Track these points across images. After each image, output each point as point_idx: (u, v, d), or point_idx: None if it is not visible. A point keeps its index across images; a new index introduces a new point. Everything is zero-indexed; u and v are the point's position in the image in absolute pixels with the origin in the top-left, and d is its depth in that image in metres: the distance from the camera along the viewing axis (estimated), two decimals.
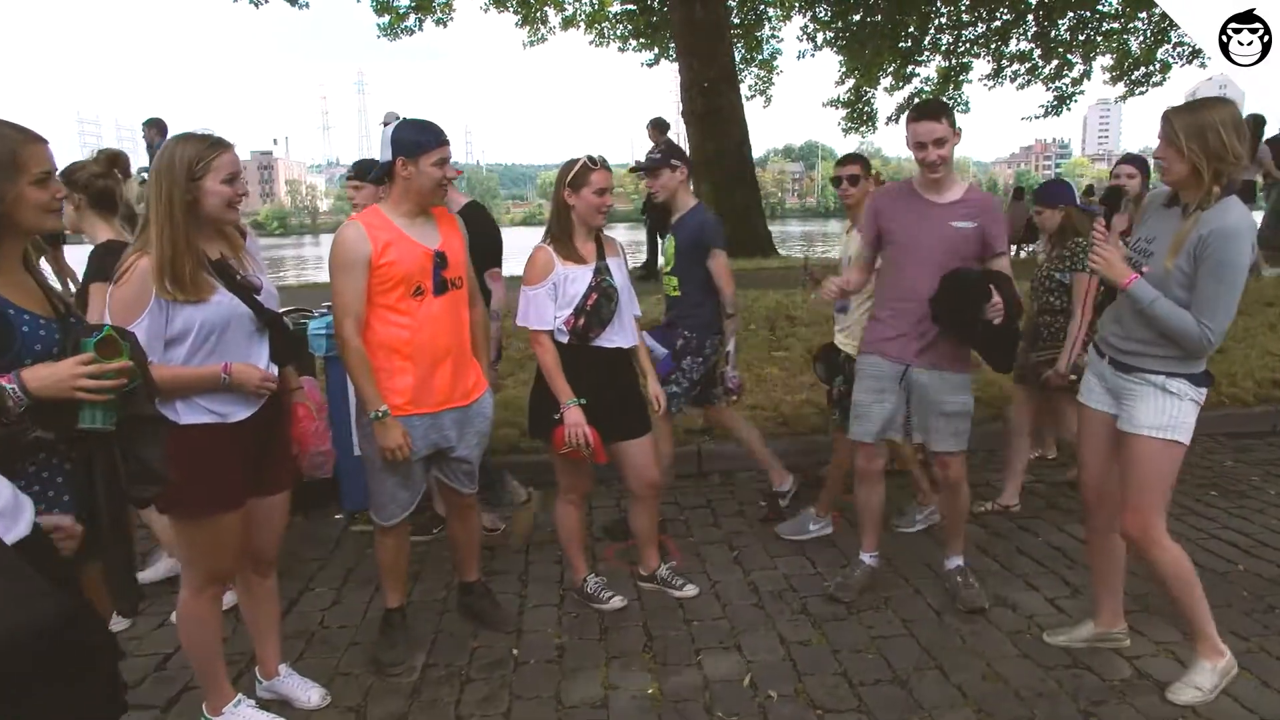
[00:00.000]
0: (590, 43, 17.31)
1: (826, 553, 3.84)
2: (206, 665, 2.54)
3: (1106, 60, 17.23)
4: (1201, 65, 16.89)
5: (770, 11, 17.39)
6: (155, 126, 9.07)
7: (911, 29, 16.89)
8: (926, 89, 18.02)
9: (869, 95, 18.24)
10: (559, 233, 3.15)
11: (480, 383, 2.99)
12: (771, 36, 17.98)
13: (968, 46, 17.56)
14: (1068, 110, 18.03)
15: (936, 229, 3.07)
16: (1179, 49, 16.61)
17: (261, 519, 2.52)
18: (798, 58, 18.06)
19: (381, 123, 9.65)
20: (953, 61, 17.77)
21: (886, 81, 17.99)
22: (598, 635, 3.17)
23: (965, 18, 16.99)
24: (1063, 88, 17.54)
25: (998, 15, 16.73)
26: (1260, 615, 3.17)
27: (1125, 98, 17.64)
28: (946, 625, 3.16)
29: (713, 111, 13.09)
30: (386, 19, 15.26)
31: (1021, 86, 17.74)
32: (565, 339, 3.14)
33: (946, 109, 3.08)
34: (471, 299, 2.99)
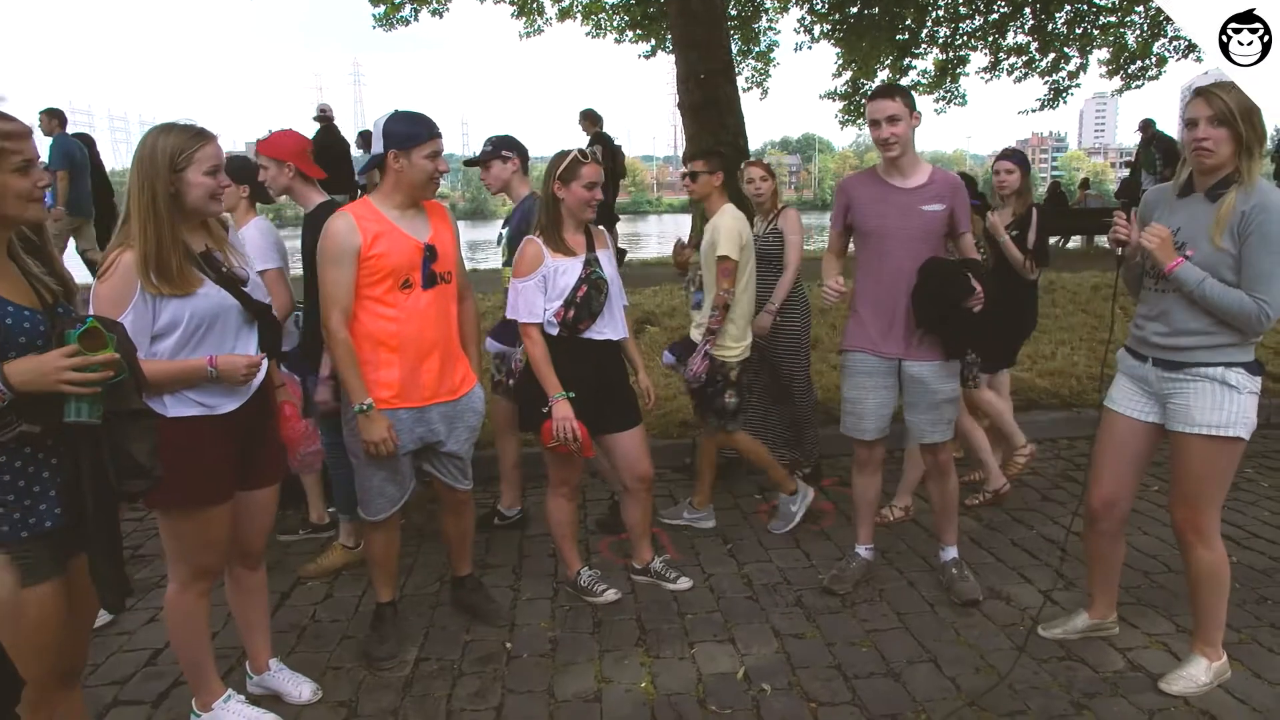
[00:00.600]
0: (587, 34, 17.23)
1: (821, 545, 3.84)
2: (195, 661, 2.52)
3: (1103, 54, 17.20)
4: (1198, 59, 16.86)
5: (767, 3, 17.32)
6: (55, 116, 8.47)
7: (909, 21, 16.84)
8: (923, 81, 17.99)
9: (866, 88, 18.17)
10: (548, 225, 3.13)
11: (469, 377, 2.98)
12: (768, 28, 17.90)
13: (965, 39, 17.51)
14: (1064, 103, 18.05)
15: (908, 215, 3.06)
16: (1175, 43, 16.59)
17: (249, 512, 2.50)
18: (795, 50, 18.02)
19: (314, 118, 9.59)
20: (950, 54, 17.72)
21: (884, 74, 17.91)
22: (591, 629, 3.16)
23: (962, 10, 16.96)
24: (1059, 81, 17.50)
25: (995, 8, 16.70)
26: (1252, 606, 3.17)
27: (1122, 91, 17.57)
28: (940, 618, 3.16)
29: (709, 103, 13.02)
30: (382, 9, 15.14)
31: (1018, 80, 17.70)
32: (555, 331, 3.12)
33: (902, 90, 3.12)
34: (462, 293, 2.98)
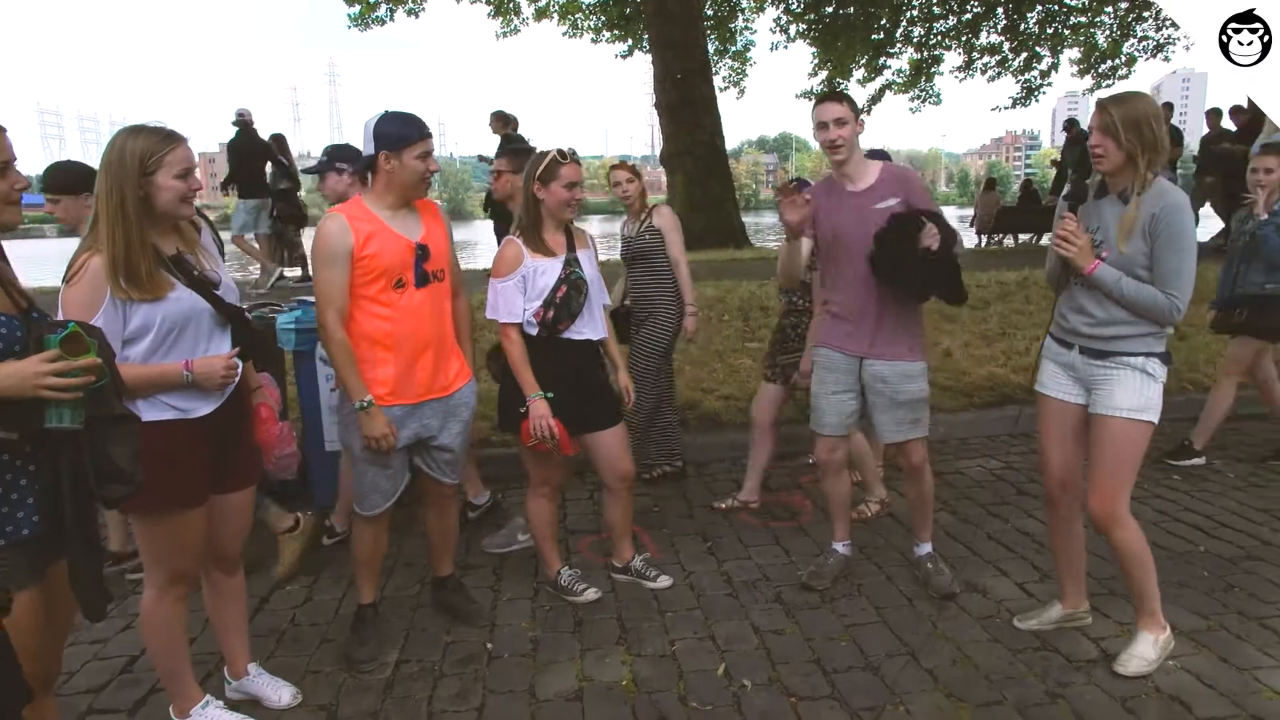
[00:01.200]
0: (563, 34, 17.24)
1: (800, 542, 3.87)
2: (172, 667, 2.49)
3: (1074, 53, 17.49)
4: (1165, 59, 17.23)
5: (743, 3, 17.42)
6: None
7: (884, 21, 17.00)
8: (898, 81, 18.16)
9: (842, 87, 18.31)
10: (528, 225, 3.14)
11: (463, 372, 3.00)
12: (745, 28, 18.04)
13: (939, 39, 17.72)
14: (1036, 102, 18.29)
15: (864, 216, 3.10)
16: (1144, 43, 16.90)
17: (225, 516, 2.48)
18: (771, 50, 18.11)
19: (232, 123, 9.39)
20: (924, 54, 17.92)
21: (859, 73, 18.11)
22: (572, 628, 3.17)
23: (936, 10, 17.15)
24: (1031, 80, 17.75)
25: (968, 8, 16.90)
26: (1220, 594, 3.24)
27: (1093, 90, 17.85)
28: (918, 611, 3.20)
29: (686, 103, 13.08)
30: (357, 9, 15.07)
31: (992, 79, 17.94)
32: (535, 331, 3.12)
33: (848, 95, 3.21)
34: (455, 290, 3.00)
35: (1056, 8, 16.58)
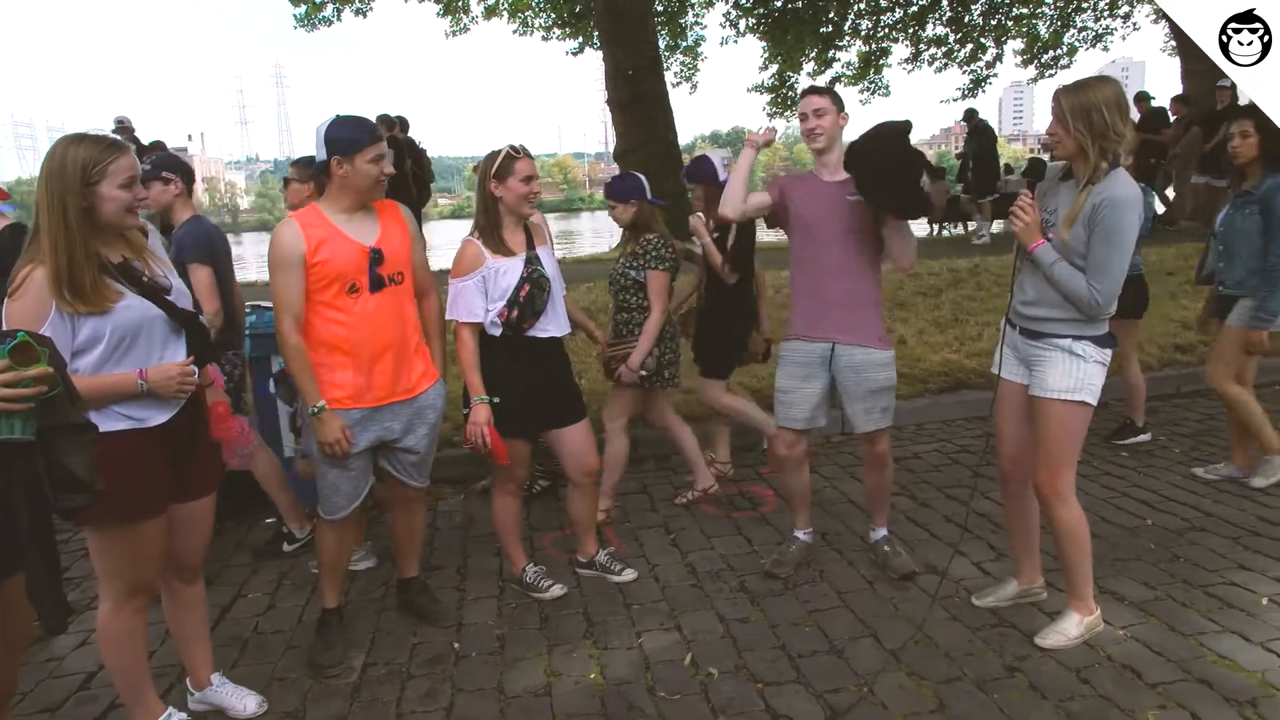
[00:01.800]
0: (514, 32, 17.10)
1: (762, 531, 3.92)
2: (132, 682, 2.44)
3: (1017, 44, 17.83)
4: (1104, 49, 17.63)
5: None
6: None
7: (831, 15, 17.16)
8: (848, 73, 18.35)
9: (792, 80, 18.47)
10: (487, 225, 3.13)
11: (429, 373, 2.99)
12: (695, 23, 18.04)
13: (886, 31, 17.93)
14: (983, 92, 18.59)
15: (834, 206, 3.19)
16: (1084, 33, 17.31)
17: (186, 525, 2.44)
18: (721, 44, 18.15)
19: (112, 130, 9.20)
20: (873, 46, 18.11)
21: (809, 66, 18.24)
22: (538, 624, 3.18)
23: (883, 3, 17.35)
24: (977, 70, 18.05)
25: (914, 0, 17.13)
26: (1166, 565, 3.36)
27: (1036, 80, 18.28)
28: (879, 594, 3.26)
29: (638, 99, 13.06)
30: (303, 9, 14.76)
31: (939, 70, 18.20)
32: (498, 331, 3.12)
33: (831, 90, 3.34)
34: (421, 291, 2.98)
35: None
